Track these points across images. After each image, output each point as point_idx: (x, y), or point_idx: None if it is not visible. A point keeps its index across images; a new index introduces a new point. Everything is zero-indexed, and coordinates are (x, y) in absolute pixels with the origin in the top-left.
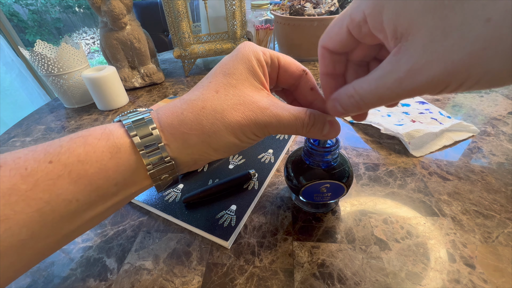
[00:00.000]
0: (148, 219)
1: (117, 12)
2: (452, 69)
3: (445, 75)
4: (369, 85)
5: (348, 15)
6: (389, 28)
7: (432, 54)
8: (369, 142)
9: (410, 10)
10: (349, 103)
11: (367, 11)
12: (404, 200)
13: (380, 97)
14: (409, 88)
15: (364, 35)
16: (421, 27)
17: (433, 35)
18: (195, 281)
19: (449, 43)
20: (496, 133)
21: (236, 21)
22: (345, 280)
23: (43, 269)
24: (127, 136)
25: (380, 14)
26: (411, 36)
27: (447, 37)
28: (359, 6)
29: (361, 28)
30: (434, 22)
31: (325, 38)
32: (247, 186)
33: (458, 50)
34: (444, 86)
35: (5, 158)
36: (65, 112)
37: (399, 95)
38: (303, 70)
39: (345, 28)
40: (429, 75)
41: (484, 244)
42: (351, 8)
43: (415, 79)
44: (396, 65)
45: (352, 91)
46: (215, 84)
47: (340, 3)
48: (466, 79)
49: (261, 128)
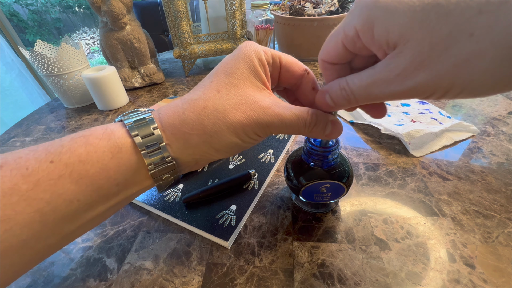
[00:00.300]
0: (148, 219)
1: (117, 12)
2: (437, 78)
3: (430, 83)
4: (361, 81)
5: (342, 30)
6: (380, 41)
7: (419, 63)
8: (369, 142)
9: (399, 24)
10: (340, 95)
11: (358, 27)
12: (404, 200)
13: (369, 94)
14: (396, 91)
15: (359, 49)
16: (410, 39)
17: (421, 47)
18: (195, 281)
19: (435, 54)
20: (496, 133)
21: (236, 21)
22: (345, 280)
23: (43, 269)
24: (129, 136)
25: (371, 29)
26: (401, 47)
27: (433, 49)
28: (350, 22)
29: (355, 43)
30: (421, 35)
31: (323, 52)
32: (247, 186)
33: (443, 61)
34: (429, 93)
35: (6, 158)
36: (65, 112)
37: (387, 95)
38: (304, 69)
39: (340, 43)
40: (415, 82)
41: (484, 244)
42: (344, 24)
43: (402, 84)
44: (387, 68)
45: (344, 83)
46: (217, 83)
47: (340, 3)
48: (450, 88)
49: (263, 128)
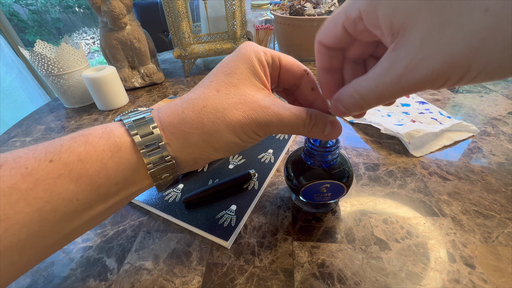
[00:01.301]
0: (148, 219)
1: (117, 12)
2: (451, 62)
3: (444, 68)
4: (369, 84)
5: (344, 12)
6: (385, 24)
7: (430, 48)
8: (369, 142)
9: (406, 4)
10: (350, 103)
11: (362, 8)
12: (404, 200)
13: (380, 94)
14: (409, 84)
15: (360, 32)
16: (418, 21)
17: (430, 29)
18: (195, 281)
19: (447, 36)
20: (496, 133)
21: (236, 21)
22: (345, 280)
23: (43, 269)
24: (128, 135)
25: (375, 10)
26: (408, 31)
27: (444, 30)
28: (354, 4)
29: (356, 25)
30: (430, 16)
31: (321, 34)
32: (247, 186)
33: (456, 43)
34: (444, 79)
35: (5, 157)
36: (65, 112)
37: (399, 91)
38: (304, 70)
39: (341, 25)
40: (428, 70)
41: (484, 244)
42: (346, 5)
43: (414, 74)
44: (394, 61)
45: (352, 91)
46: (216, 83)
47: (340, 3)
48: (466, 72)
49: (262, 127)
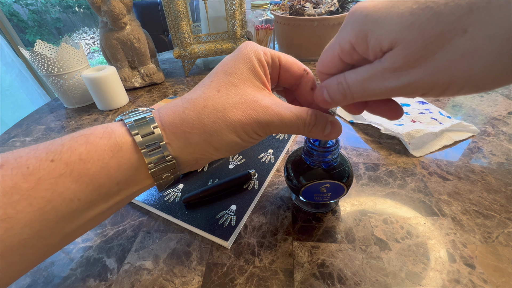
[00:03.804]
0: (148, 219)
1: (117, 12)
2: (433, 74)
3: (427, 79)
4: (357, 76)
5: (337, 44)
6: (375, 49)
7: (414, 61)
8: (369, 142)
9: (390, 31)
10: (337, 90)
11: (353, 41)
12: (404, 200)
13: (364, 89)
14: (392, 86)
15: (356, 60)
16: (402, 41)
17: (414, 46)
18: (195, 281)
19: (429, 52)
20: (496, 133)
21: (236, 21)
22: (345, 280)
23: (43, 269)
24: (129, 135)
25: (365, 40)
26: (395, 48)
27: (427, 47)
28: (345, 37)
29: (352, 55)
30: (413, 36)
31: (320, 65)
32: (247, 186)
33: (438, 58)
34: (427, 89)
35: (6, 157)
36: (65, 112)
37: (383, 91)
38: (304, 69)
39: (337, 57)
40: (411, 78)
41: (484, 244)
42: (338, 39)
43: (398, 79)
44: (383, 64)
45: (342, 78)
46: (217, 83)
47: (340, 3)
48: (449, 84)
49: (262, 127)
